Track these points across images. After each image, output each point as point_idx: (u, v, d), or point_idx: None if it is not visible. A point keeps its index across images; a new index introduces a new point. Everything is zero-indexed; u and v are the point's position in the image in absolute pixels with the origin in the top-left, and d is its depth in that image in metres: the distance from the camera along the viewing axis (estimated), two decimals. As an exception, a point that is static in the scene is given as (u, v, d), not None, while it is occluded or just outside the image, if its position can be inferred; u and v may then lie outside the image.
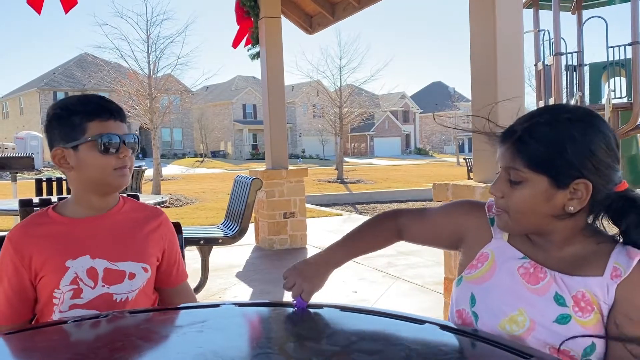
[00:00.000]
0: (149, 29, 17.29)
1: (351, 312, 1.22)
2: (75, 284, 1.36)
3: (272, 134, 6.35)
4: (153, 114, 16.26)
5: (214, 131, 49.01)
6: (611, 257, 1.07)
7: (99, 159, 1.38)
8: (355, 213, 10.82)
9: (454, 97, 48.82)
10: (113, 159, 1.39)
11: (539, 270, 1.11)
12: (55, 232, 1.40)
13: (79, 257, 1.37)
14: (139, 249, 1.46)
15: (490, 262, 1.18)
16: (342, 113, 23.12)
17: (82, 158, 1.38)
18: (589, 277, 1.06)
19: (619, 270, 1.05)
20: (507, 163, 1.10)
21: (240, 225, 4.06)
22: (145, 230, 1.49)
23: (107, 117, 1.39)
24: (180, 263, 1.60)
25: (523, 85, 3.05)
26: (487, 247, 1.20)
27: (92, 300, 1.37)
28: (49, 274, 1.36)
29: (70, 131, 1.38)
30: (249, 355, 1.02)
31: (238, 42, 6.67)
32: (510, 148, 1.09)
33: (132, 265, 1.42)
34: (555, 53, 9.69)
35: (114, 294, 1.39)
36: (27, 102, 46.70)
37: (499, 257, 1.17)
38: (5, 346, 1.09)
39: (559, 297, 1.06)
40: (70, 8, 4.76)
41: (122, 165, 1.40)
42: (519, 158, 1.08)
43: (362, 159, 45.85)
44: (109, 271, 1.39)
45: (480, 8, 3.00)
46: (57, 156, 1.40)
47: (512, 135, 1.09)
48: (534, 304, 1.08)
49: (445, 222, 1.32)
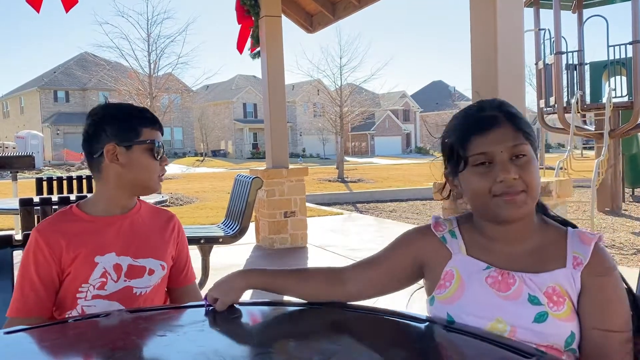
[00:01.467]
0: (149, 28, 17.35)
1: (352, 311, 1.22)
2: (104, 277, 1.45)
3: (272, 133, 6.35)
4: (153, 113, 16.25)
5: (214, 130, 49.02)
6: (568, 247, 1.12)
7: (150, 162, 1.51)
8: (355, 212, 10.82)
9: (455, 96, 48.78)
10: (158, 164, 1.53)
11: (507, 277, 1.11)
12: (83, 229, 1.48)
13: (106, 254, 1.46)
14: (158, 247, 1.56)
15: (457, 279, 1.16)
16: (343, 112, 23.13)
17: (134, 158, 1.49)
18: (554, 271, 1.10)
19: (579, 259, 1.10)
20: (510, 141, 1.09)
21: (241, 224, 4.06)
22: (162, 230, 1.60)
23: (157, 127, 1.54)
24: (190, 264, 1.70)
25: (524, 84, 3.05)
26: (449, 265, 1.18)
27: (114, 292, 1.46)
28: (79, 269, 1.44)
29: (127, 131, 1.49)
30: (250, 354, 1.02)
31: (242, 45, 6.67)
32: (506, 127, 1.10)
33: (152, 262, 1.53)
34: (556, 52, 9.68)
35: (134, 287, 1.49)
36: (27, 102, 46.72)
37: (464, 272, 1.16)
38: (5, 345, 1.09)
39: (532, 297, 1.08)
40: (71, 7, 4.76)
41: (163, 172, 1.56)
42: (520, 132, 1.11)
43: (362, 158, 45.84)
44: (132, 267, 1.49)
45: (481, 7, 3.00)
46: (110, 151, 1.48)
47: (496, 118, 1.11)
48: (510, 309, 1.08)
49: (400, 258, 1.25)
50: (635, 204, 11.02)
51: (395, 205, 12.72)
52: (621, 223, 8.51)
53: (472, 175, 1.12)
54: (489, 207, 1.11)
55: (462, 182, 1.16)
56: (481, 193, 1.11)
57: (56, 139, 42.59)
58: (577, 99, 9.53)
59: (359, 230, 7.45)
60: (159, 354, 1.02)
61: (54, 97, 44.89)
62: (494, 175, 1.09)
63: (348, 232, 7.28)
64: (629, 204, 10.93)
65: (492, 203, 1.10)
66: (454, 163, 1.17)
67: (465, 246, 1.19)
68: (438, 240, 1.22)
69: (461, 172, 1.15)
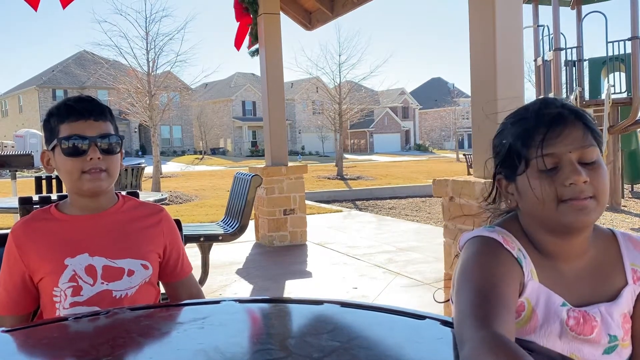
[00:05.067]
0: (148, 26, 17.24)
1: (352, 308, 1.22)
2: (74, 281, 1.36)
3: (271, 130, 6.34)
4: (152, 111, 16.24)
5: (213, 128, 48.97)
6: (625, 258, 1.06)
7: (66, 163, 1.35)
8: (355, 209, 10.83)
9: (454, 93, 48.69)
10: (79, 162, 1.34)
11: (589, 318, 1.01)
12: (55, 230, 1.40)
13: (77, 255, 1.37)
14: (138, 246, 1.45)
15: (529, 311, 1.02)
16: (342, 109, 23.10)
17: (57, 161, 1.38)
18: (622, 295, 1.04)
19: (639, 272, 1.05)
20: (580, 142, 0.98)
21: (240, 222, 4.06)
22: (144, 227, 1.48)
23: (75, 119, 1.35)
24: (184, 256, 1.59)
25: (523, 80, 3.05)
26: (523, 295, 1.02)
27: (92, 297, 1.37)
28: (49, 273, 1.37)
29: (49, 134, 1.38)
30: (250, 351, 1.02)
31: (240, 42, 6.67)
32: (576, 125, 1.00)
33: (131, 262, 1.42)
34: (555, 48, 9.68)
35: (113, 290, 1.39)
36: (26, 100, 46.65)
37: (538, 305, 1.02)
38: (5, 343, 1.09)
39: (612, 338, 1.01)
40: (67, 3, 4.76)
41: (90, 168, 1.35)
42: (589, 133, 1.00)
43: (361, 156, 45.81)
44: (108, 268, 1.38)
45: (479, 3, 3.00)
46: (44, 159, 1.41)
47: (564, 116, 1.00)
48: (587, 349, 1.02)
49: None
50: (635, 200, 11.03)
51: (394, 203, 12.73)
52: (621, 219, 8.53)
53: (535, 179, 0.99)
54: (553, 215, 0.99)
55: (521, 187, 1.03)
56: (546, 199, 0.98)
57: (55, 138, 42.49)
58: (576, 95, 9.54)
59: (359, 227, 7.46)
60: (159, 351, 1.02)
61: (53, 95, 44.79)
62: (562, 179, 0.97)
63: (347, 230, 7.28)
64: (628, 200, 10.95)
65: (558, 210, 0.98)
66: (511, 165, 1.04)
67: (535, 270, 1.03)
68: (515, 260, 1.02)
69: (520, 175, 1.02)
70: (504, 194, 1.10)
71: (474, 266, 0.99)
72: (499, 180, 1.10)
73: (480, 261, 0.99)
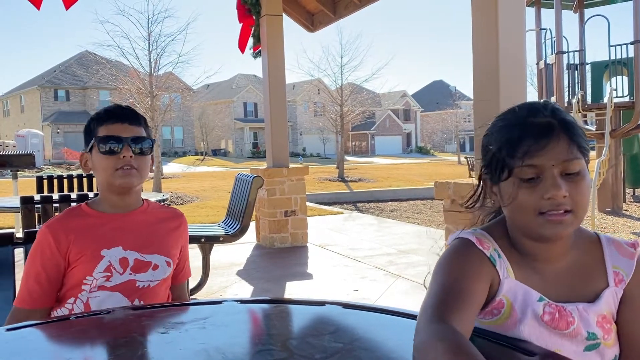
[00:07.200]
0: (150, 27, 17.27)
1: (353, 310, 1.22)
2: (108, 271, 1.48)
3: (273, 132, 6.35)
4: (154, 112, 16.26)
5: (214, 129, 49.00)
6: (607, 260, 1.07)
7: (102, 160, 1.49)
8: (356, 211, 10.83)
9: (455, 96, 48.67)
10: (113, 160, 1.48)
11: (564, 313, 1.03)
12: (91, 225, 1.52)
13: (112, 248, 1.50)
14: (164, 245, 1.58)
15: (508, 308, 1.04)
16: (343, 111, 23.13)
17: (94, 161, 1.52)
18: (602, 297, 1.05)
19: (621, 275, 1.06)
20: (564, 155, 0.97)
21: (241, 223, 4.06)
22: (168, 229, 1.62)
23: (113, 122, 1.50)
24: (188, 263, 1.72)
25: (525, 84, 3.05)
26: (500, 293, 1.04)
27: (119, 284, 1.49)
28: (85, 262, 1.47)
29: (88, 137, 1.53)
30: (252, 351, 1.02)
31: (244, 45, 6.67)
32: (561, 137, 0.98)
33: (158, 258, 1.55)
34: (557, 52, 9.68)
35: (137, 280, 1.52)
36: (28, 100, 46.70)
37: (516, 301, 1.04)
38: (7, 342, 1.09)
39: (591, 335, 1.03)
40: (71, 4, 4.77)
41: (123, 165, 1.48)
42: (574, 146, 0.99)
43: (363, 158, 45.82)
44: (138, 262, 1.52)
45: (482, 6, 3.00)
46: (83, 160, 1.56)
47: (551, 127, 0.99)
48: (566, 346, 1.03)
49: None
50: (636, 204, 11.02)
51: (395, 205, 12.72)
52: (622, 223, 8.51)
53: (516, 188, 1.00)
54: (531, 224, 1.00)
55: (503, 192, 1.04)
56: (525, 209, 1.00)
57: (56, 138, 42.56)
58: (578, 98, 9.53)
59: (359, 229, 7.45)
60: (160, 351, 1.02)
61: (55, 95, 44.86)
62: (542, 191, 0.98)
63: (348, 232, 7.28)
64: (630, 204, 10.93)
65: (535, 221, 0.99)
66: (495, 169, 1.04)
67: (512, 268, 1.06)
68: (488, 260, 1.04)
69: (503, 181, 1.03)
70: (489, 194, 1.11)
71: (444, 264, 1.04)
72: (485, 180, 1.12)
73: (450, 259, 1.04)
